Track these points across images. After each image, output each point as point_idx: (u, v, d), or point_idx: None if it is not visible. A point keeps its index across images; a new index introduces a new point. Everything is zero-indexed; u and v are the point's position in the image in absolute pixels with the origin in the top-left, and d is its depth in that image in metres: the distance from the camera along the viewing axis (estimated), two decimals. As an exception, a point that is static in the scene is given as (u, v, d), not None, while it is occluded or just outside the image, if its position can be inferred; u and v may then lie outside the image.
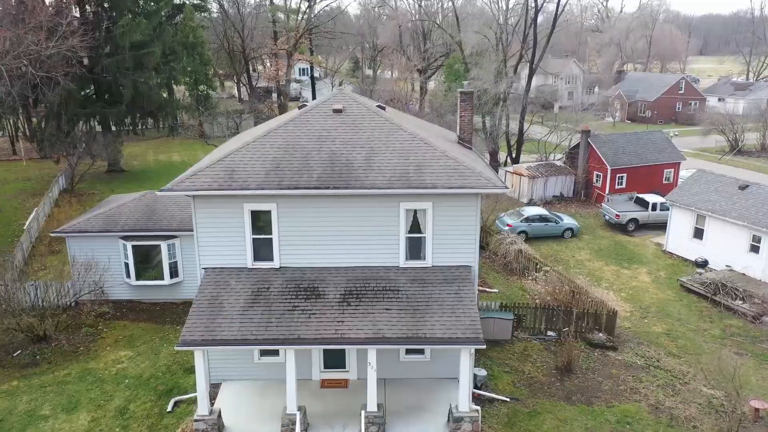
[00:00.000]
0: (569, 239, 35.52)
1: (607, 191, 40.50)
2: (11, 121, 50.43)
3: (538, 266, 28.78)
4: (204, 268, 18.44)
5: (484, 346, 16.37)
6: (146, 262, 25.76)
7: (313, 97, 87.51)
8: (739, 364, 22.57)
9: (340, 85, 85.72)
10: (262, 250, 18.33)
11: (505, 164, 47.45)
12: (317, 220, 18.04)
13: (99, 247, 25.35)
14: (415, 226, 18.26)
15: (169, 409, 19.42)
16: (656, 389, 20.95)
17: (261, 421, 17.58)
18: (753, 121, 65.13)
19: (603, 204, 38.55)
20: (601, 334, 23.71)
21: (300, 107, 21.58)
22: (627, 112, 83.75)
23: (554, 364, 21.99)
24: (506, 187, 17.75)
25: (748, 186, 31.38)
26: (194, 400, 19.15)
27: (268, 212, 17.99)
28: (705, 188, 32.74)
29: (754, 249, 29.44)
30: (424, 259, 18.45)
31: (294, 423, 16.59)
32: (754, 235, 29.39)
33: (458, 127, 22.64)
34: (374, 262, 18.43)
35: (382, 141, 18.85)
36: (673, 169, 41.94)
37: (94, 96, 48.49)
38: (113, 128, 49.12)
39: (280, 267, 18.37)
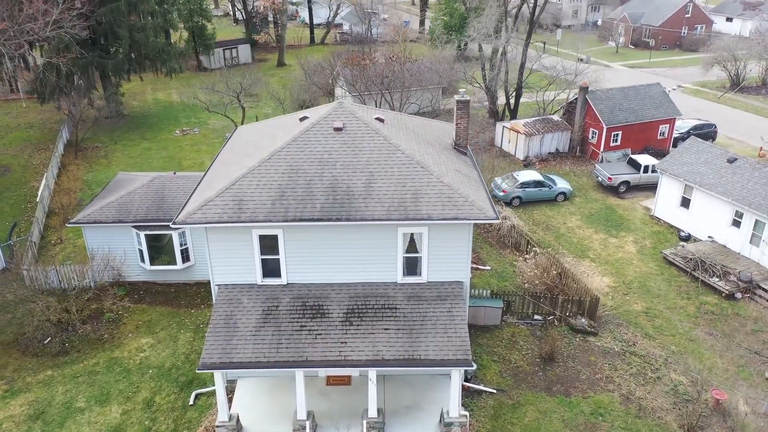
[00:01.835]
0: (562, 203, 36.86)
1: (601, 148, 41.32)
2: (8, 66, 50.09)
3: (529, 244, 30.35)
4: (217, 285, 20.02)
5: (473, 367, 18.31)
6: (159, 248, 27.29)
7: (310, 18, 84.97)
8: (706, 346, 24.85)
9: (338, 10, 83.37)
10: (271, 268, 19.84)
11: (503, 115, 47.78)
12: (321, 243, 19.42)
13: (114, 235, 26.86)
14: (411, 247, 19.67)
15: (191, 402, 21.71)
16: (629, 378, 23.19)
17: (274, 421, 19.83)
18: (758, 48, 63.66)
19: (596, 165, 39.52)
20: (583, 320, 25.71)
21: (301, 119, 22.30)
22: (631, 37, 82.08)
23: (538, 352, 24.12)
24: (498, 218, 18.96)
25: (736, 159, 32.35)
26: (213, 393, 21.43)
27: (276, 236, 19.34)
28: (695, 158, 33.70)
29: (736, 223, 30.90)
30: (420, 275, 20.01)
31: (304, 429, 18.86)
32: (736, 211, 30.75)
33: (455, 134, 23.44)
34: (374, 279, 20.02)
35: (380, 164, 19.87)
36: (668, 125, 42.50)
37: (89, 41, 47.90)
38: (112, 78, 48.94)
39: (288, 283, 19.97)
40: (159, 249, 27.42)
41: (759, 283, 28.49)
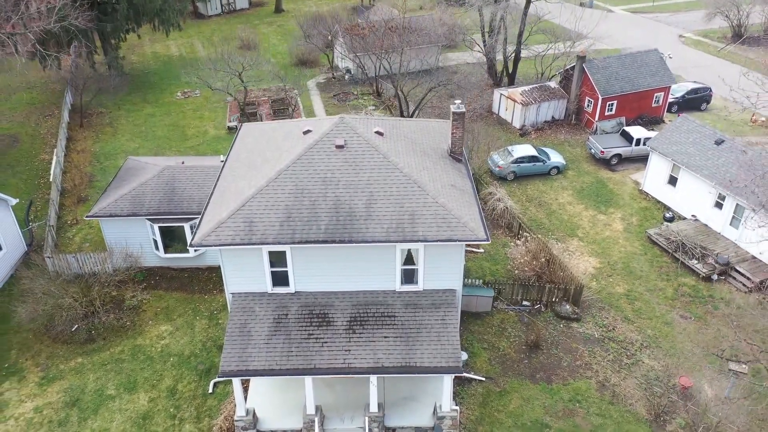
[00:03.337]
0: (555, 177, 38.24)
1: (596, 118, 42.20)
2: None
3: (521, 227, 32.02)
4: (231, 293, 21.92)
5: (463, 374, 20.48)
6: (172, 233, 28.97)
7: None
8: (679, 329, 27.10)
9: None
10: (280, 278, 21.68)
11: (501, 79, 48.17)
12: (325, 258, 21.17)
13: (129, 227, 28.60)
14: (409, 259, 21.42)
15: (210, 390, 24.12)
16: (606, 365, 25.52)
17: (286, 414, 22.26)
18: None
19: (589, 137, 40.55)
20: (567, 306, 27.80)
21: (305, 132, 23.42)
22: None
23: (525, 339, 26.36)
24: (488, 239, 20.58)
25: (723, 141, 33.50)
26: (230, 381, 23.80)
27: (284, 252, 21.04)
28: (684, 138, 34.82)
29: (719, 205, 32.48)
30: (417, 283, 21.88)
31: (313, 422, 21.31)
32: (720, 193, 32.25)
33: (450, 142, 24.64)
34: (375, 287, 21.91)
35: (380, 183, 21.30)
36: (663, 93, 43.16)
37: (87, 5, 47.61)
38: (111, 41, 48.96)
39: (295, 292, 21.88)
40: (172, 235, 29.14)
41: (735, 266, 30.43)
